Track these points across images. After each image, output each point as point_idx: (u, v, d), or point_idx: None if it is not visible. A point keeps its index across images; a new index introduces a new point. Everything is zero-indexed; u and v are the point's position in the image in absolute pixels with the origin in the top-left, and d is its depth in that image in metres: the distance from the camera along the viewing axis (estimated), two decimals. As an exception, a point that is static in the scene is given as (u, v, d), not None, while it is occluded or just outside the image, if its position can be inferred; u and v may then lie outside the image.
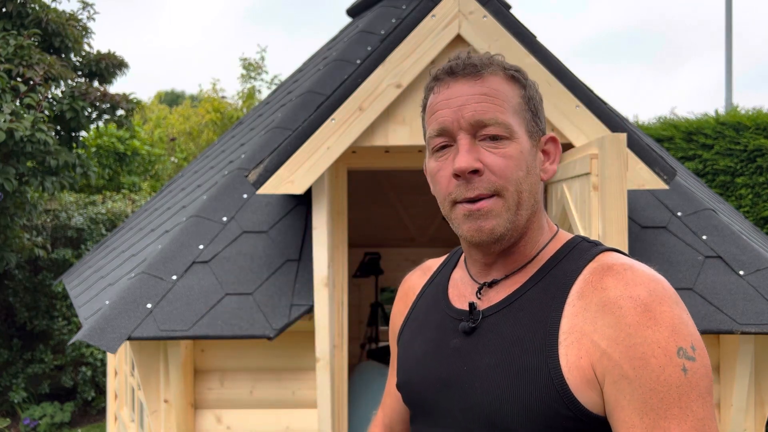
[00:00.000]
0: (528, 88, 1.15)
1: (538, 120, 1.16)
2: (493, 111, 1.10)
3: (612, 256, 1.09)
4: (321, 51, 5.22)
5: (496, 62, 1.15)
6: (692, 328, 0.99)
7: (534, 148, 1.14)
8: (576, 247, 1.13)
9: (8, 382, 7.19)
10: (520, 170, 1.11)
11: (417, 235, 6.23)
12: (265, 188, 2.80)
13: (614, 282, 1.02)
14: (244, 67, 12.95)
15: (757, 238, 4.15)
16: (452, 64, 1.15)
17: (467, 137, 1.10)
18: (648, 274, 1.03)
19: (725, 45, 12.20)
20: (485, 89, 1.11)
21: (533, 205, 1.14)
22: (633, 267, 1.04)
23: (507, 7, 4.24)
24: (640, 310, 0.99)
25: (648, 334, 0.97)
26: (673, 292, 1.02)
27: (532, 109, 1.15)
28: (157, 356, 3.18)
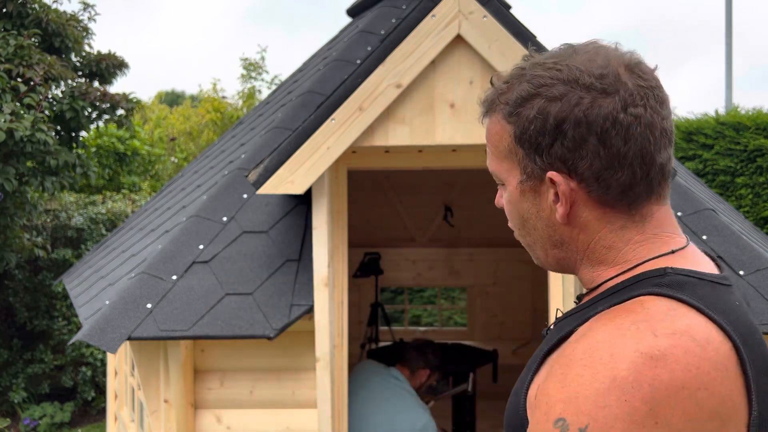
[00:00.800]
0: (520, 122, 1.00)
1: (538, 156, 0.99)
2: (490, 158, 1.08)
3: (646, 301, 0.90)
4: (321, 51, 5.23)
5: (502, 98, 1.02)
6: (604, 417, 0.80)
7: (531, 192, 1.02)
8: (638, 283, 0.95)
9: (8, 382, 7.19)
10: (512, 218, 1.08)
11: (417, 235, 6.23)
12: (265, 188, 2.80)
13: (593, 330, 0.89)
14: (245, 67, 12.95)
15: (757, 238, 4.15)
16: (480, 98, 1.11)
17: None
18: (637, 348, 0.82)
19: (725, 45, 12.20)
20: (486, 134, 1.07)
21: (556, 247, 1.03)
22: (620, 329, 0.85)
23: (507, 7, 4.24)
24: (564, 363, 0.87)
25: (549, 385, 0.87)
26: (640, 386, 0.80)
27: (527, 147, 1.00)
28: (157, 356, 3.18)
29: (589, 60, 0.97)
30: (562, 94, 0.96)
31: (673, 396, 0.80)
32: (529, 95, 0.99)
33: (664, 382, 0.80)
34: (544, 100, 0.97)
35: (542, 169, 1.00)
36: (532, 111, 0.98)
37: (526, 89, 0.99)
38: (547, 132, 0.97)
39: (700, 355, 0.83)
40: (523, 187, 1.03)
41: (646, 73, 0.98)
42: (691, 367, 0.81)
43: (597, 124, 0.95)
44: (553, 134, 0.97)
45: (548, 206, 1.01)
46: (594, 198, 0.98)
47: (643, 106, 0.95)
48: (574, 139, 0.96)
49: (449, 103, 2.83)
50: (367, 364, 3.71)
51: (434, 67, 2.83)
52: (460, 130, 2.83)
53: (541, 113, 0.97)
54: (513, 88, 1.01)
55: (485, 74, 2.82)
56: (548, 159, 0.98)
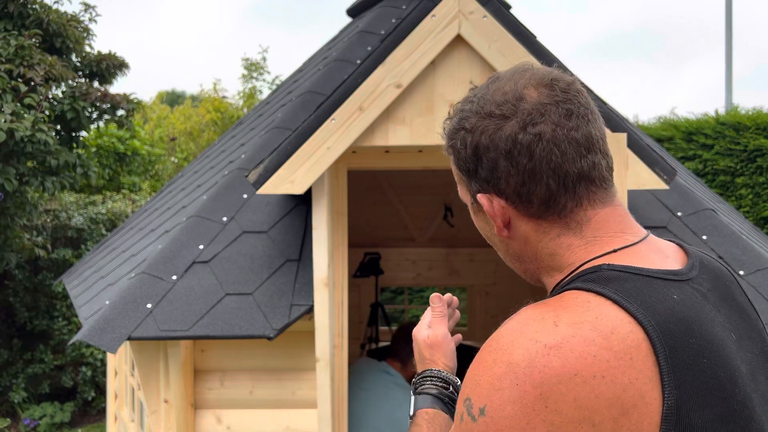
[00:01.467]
0: (454, 153, 1.11)
1: (473, 181, 1.09)
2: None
3: (560, 299, 0.96)
4: (321, 51, 5.23)
5: (443, 132, 1.15)
6: (499, 399, 0.86)
7: (481, 213, 1.13)
8: (572, 282, 1.01)
9: (8, 382, 7.20)
10: (483, 235, 1.17)
11: (417, 235, 6.23)
12: (265, 188, 2.80)
13: (507, 320, 0.96)
14: (246, 67, 12.95)
15: (757, 238, 4.15)
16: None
17: None
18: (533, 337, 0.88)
19: (725, 45, 12.20)
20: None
21: (517, 259, 1.13)
22: (524, 319, 0.93)
23: (507, 7, 4.24)
24: (481, 349, 0.95)
25: (469, 369, 0.95)
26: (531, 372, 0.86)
27: (464, 172, 1.10)
28: (157, 356, 3.18)
29: (498, 88, 1.06)
30: (474, 125, 1.06)
31: (564, 383, 0.84)
32: (455, 129, 1.11)
33: (555, 369, 0.85)
34: (463, 132, 1.08)
35: (476, 191, 1.09)
36: (458, 142, 1.09)
37: (452, 124, 1.12)
38: (469, 159, 1.08)
39: (600, 344, 0.86)
40: (474, 209, 1.14)
41: (557, 88, 1.03)
42: (587, 356, 0.85)
43: (501, 147, 1.04)
44: (474, 161, 1.07)
45: (491, 224, 1.11)
46: (522, 212, 1.06)
47: (543, 122, 1.01)
48: (488, 163, 1.05)
49: (449, 103, 2.83)
50: (362, 363, 3.71)
51: (434, 67, 2.83)
52: (460, 130, 2.83)
53: (463, 144, 1.08)
54: (449, 123, 1.13)
55: (485, 74, 2.82)
56: (477, 183, 1.08)
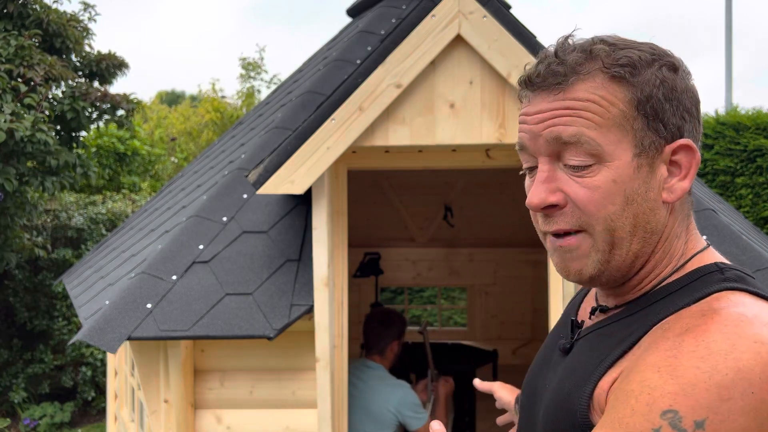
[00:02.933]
0: (641, 85, 0.91)
1: (660, 125, 0.92)
2: (578, 126, 0.91)
3: (728, 301, 0.85)
4: (321, 51, 5.23)
5: (597, 58, 0.92)
6: (728, 410, 0.75)
7: (645, 167, 0.92)
8: (699, 280, 0.91)
9: (8, 382, 7.19)
10: (612, 203, 0.91)
11: (417, 235, 6.23)
12: (265, 188, 2.80)
13: (697, 325, 0.82)
14: (244, 66, 12.96)
15: (757, 238, 4.15)
16: (530, 73, 0.95)
17: (547, 162, 0.94)
18: (744, 340, 0.78)
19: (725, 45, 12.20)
20: (569, 102, 0.91)
21: (645, 238, 0.93)
22: (733, 322, 0.80)
23: (507, 7, 4.24)
24: (669, 355, 0.80)
25: (651, 376, 0.79)
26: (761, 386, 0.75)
27: (649, 113, 0.91)
28: (157, 356, 3.18)
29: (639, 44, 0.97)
30: (675, 65, 0.94)
31: None
32: (648, 60, 0.92)
33: None
34: (664, 68, 0.93)
35: (665, 139, 0.92)
36: (654, 76, 0.92)
37: (641, 54, 0.93)
38: (672, 99, 0.92)
39: None
40: (640, 161, 0.91)
41: None
42: None
43: (697, 98, 0.95)
44: (677, 102, 0.92)
45: (658, 184, 0.93)
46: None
47: None
48: (689, 110, 0.93)
49: (449, 103, 2.83)
50: (351, 364, 3.71)
51: (434, 67, 2.83)
52: (460, 130, 2.83)
53: (666, 79, 0.92)
54: (613, 53, 0.92)
55: (485, 74, 2.82)
56: (671, 128, 0.92)
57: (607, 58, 0.92)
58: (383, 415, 3.42)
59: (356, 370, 3.54)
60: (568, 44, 0.95)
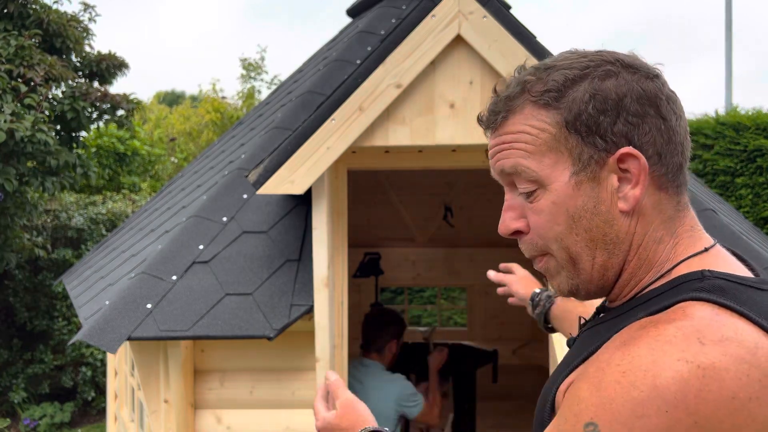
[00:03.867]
0: (569, 106, 0.92)
1: (598, 138, 0.92)
2: (514, 158, 0.95)
3: (688, 308, 0.84)
4: (321, 51, 5.23)
5: (526, 90, 0.95)
6: (642, 427, 0.75)
7: (588, 182, 0.93)
8: (677, 287, 0.90)
9: (8, 382, 7.19)
10: (556, 224, 0.94)
11: (417, 235, 6.23)
12: (265, 188, 2.80)
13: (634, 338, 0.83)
14: (244, 67, 12.96)
15: (757, 238, 4.15)
16: (479, 117, 1.02)
17: (509, 191, 1.00)
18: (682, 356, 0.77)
19: (725, 45, 12.21)
20: (504, 136, 0.97)
21: (607, 250, 0.94)
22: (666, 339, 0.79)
23: (507, 7, 4.24)
24: (599, 367, 0.82)
25: (582, 387, 0.82)
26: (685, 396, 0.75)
27: (582, 130, 0.92)
28: (157, 356, 3.18)
29: (599, 52, 0.97)
30: (613, 72, 0.93)
31: (722, 408, 0.75)
32: (576, 77, 0.93)
33: (713, 393, 0.75)
34: (596, 80, 0.92)
35: (606, 150, 0.92)
36: (584, 92, 0.92)
37: (569, 73, 0.93)
38: (608, 109, 0.91)
39: (750, 362, 0.77)
40: (579, 178, 0.93)
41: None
42: (741, 376, 0.76)
43: (654, 97, 0.92)
44: (615, 110, 0.91)
45: (609, 196, 0.92)
46: (654, 180, 0.93)
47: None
48: (637, 113, 0.91)
49: (449, 103, 2.83)
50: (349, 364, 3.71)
51: (434, 67, 2.83)
52: (460, 130, 2.83)
53: (598, 91, 0.92)
54: (544, 78, 0.94)
55: (485, 74, 2.82)
56: (612, 138, 0.92)
57: (535, 87, 0.95)
58: (384, 412, 3.43)
59: (353, 369, 3.55)
60: (513, 78, 0.99)
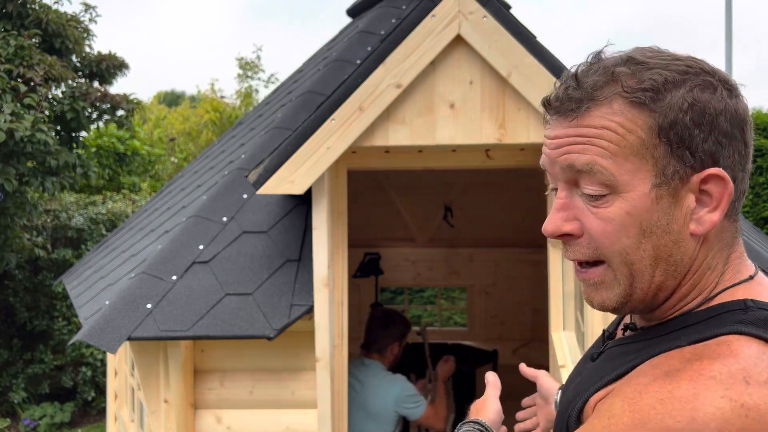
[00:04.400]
0: (665, 110, 0.84)
1: (685, 152, 0.84)
2: (591, 154, 0.86)
3: (733, 342, 0.81)
4: (321, 51, 5.23)
5: (617, 82, 0.86)
6: None
7: (667, 197, 0.85)
8: (716, 317, 0.86)
9: (8, 382, 7.19)
10: (626, 236, 0.86)
11: (417, 235, 6.23)
12: (265, 188, 2.80)
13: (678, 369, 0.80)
14: (241, 66, 12.96)
15: (757, 238, 4.15)
16: (550, 97, 0.91)
17: (564, 189, 0.91)
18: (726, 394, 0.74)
19: (725, 45, 12.21)
20: (583, 129, 0.87)
21: (669, 271, 0.88)
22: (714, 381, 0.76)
23: (507, 7, 4.24)
24: (639, 390, 0.80)
25: (616, 403, 0.80)
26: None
27: (673, 140, 0.84)
28: (157, 356, 3.18)
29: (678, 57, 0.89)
30: (712, 84, 0.85)
31: None
32: (675, 81, 0.84)
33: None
34: (696, 89, 0.84)
35: (692, 167, 0.85)
36: (682, 100, 0.84)
37: (668, 75, 0.85)
38: (704, 123, 0.84)
39: None
40: (660, 192, 0.85)
41: None
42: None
43: (744, 120, 0.86)
44: (709, 126, 0.84)
45: (683, 215, 0.86)
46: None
47: None
48: (727, 134, 0.85)
49: (449, 103, 2.83)
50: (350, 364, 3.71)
51: (434, 67, 2.83)
52: (460, 130, 2.83)
53: (697, 101, 0.84)
54: (638, 74, 0.86)
55: (485, 74, 2.82)
56: (701, 155, 0.84)
57: (628, 82, 0.86)
58: (384, 412, 3.43)
59: (353, 369, 3.55)
60: (592, 64, 0.90)
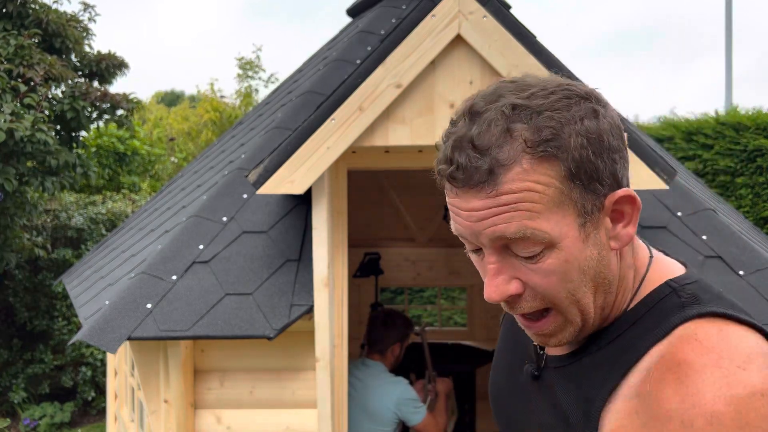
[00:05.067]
0: (570, 154, 0.85)
1: (597, 185, 0.87)
2: (518, 220, 0.85)
3: (697, 332, 0.85)
4: (321, 51, 5.23)
5: (517, 138, 0.84)
6: None
7: (591, 228, 0.88)
8: (657, 306, 0.91)
9: (8, 382, 7.19)
10: (569, 281, 0.89)
11: (417, 235, 6.23)
12: (265, 188, 2.80)
13: (674, 391, 0.82)
14: (241, 66, 12.95)
15: (757, 238, 4.16)
16: (450, 169, 0.87)
17: (494, 254, 0.89)
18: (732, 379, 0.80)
19: (725, 45, 12.21)
20: (503, 197, 0.84)
21: (607, 290, 0.93)
22: (710, 366, 0.81)
23: (507, 7, 4.24)
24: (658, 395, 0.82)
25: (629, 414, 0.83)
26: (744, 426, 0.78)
27: (584, 179, 0.86)
28: (157, 356, 3.18)
29: (542, 82, 0.91)
30: (593, 109, 0.88)
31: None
32: (566, 119, 0.85)
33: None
34: (585, 119, 0.86)
35: (604, 195, 0.88)
36: (577, 137, 0.85)
37: (558, 116, 0.85)
38: (602, 151, 0.86)
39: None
40: (587, 230, 0.88)
41: None
42: None
43: (619, 127, 0.90)
44: (606, 151, 0.87)
45: (605, 238, 0.90)
46: None
47: None
48: (616, 149, 0.89)
49: (449, 103, 2.83)
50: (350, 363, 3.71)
51: (434, 67, 2.83)
52: (460, 130, 2.83)
53: (590, 133, 0.86)
54: (533, 124, 0.85)
55: (485, 74, 2.82)
56: (607, 181, 0.88)
57: (527, 136, 0.84)
58: (383, 414, 3.42)
59: (354, 369, 3.55)
60: (475, 122, 0.87)
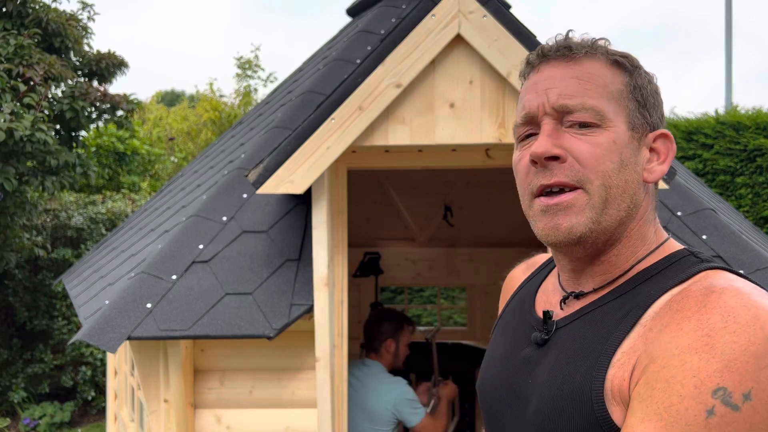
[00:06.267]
0: (636, 75, 1.03)
1: (647, 112, 1.02)
2: (583, 94, 0.99)
3: (719, 277, 0.91)
4: (321, 51, 5.22)
5: (598, 46, 1.03)
6: (764, 381, 0.80)
7: (635, 142, 1.00)
8: (678, 262, 0.97)
9: (8, 382, 7.19)
10: (611, 161, 0.97)
11: (417, 234, 6.22)
12: (264, 188, 2.80)
13: (697, 305, 0.86)
14: (239, 66, 12.94)
15: (757, 238, 4.15)
16: (544, 46, 1.04)
17: (551, 122, 1.00)
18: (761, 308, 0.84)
19: (725, 45, 12.21)
20: (577, 72, 1.00)
21: (629, 207, 0.99)
22: (743, 294, 0.86)
23: (507, 7, 4.24)
24: (702, 335, 0.83)
25: (690, 359, 0.83)
26: None
27: (639, 99, 1.01)
28: (156, 356, 3.18)
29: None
30: (648, 73, 1.06)
31: None
32: (637, 64, 1.06)
33: None
34: (644, 71, 1.06)
35: (649, 126, 1.03)
36: (645, 74, 1.05)
37: (633, 58, 1.05)
38: (655, 97, 1.05)
39: None
40: (632, 135, 1.01)
41: None
42: None
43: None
44: (657, 102, 1.05)
45: (641, 163, 1.02)
46: None
47: None
48: (661, 116, 1.06)
49: (449, 103, 2.83)
50: (350, 363, 3.71)
51: (434, 66, 2.83)
52: (460, 130, 2.83)
53: (651, 81, 1.05)
54: (597, 42, 1.05)
55: (485, 74, 2.82)
56: (650, 118, 1.03)
57: (607, 48, 1.04)
58: (381, 413, 3.42)
59: (354, 368, 3.55)
60: (568, 38, 1.06)
